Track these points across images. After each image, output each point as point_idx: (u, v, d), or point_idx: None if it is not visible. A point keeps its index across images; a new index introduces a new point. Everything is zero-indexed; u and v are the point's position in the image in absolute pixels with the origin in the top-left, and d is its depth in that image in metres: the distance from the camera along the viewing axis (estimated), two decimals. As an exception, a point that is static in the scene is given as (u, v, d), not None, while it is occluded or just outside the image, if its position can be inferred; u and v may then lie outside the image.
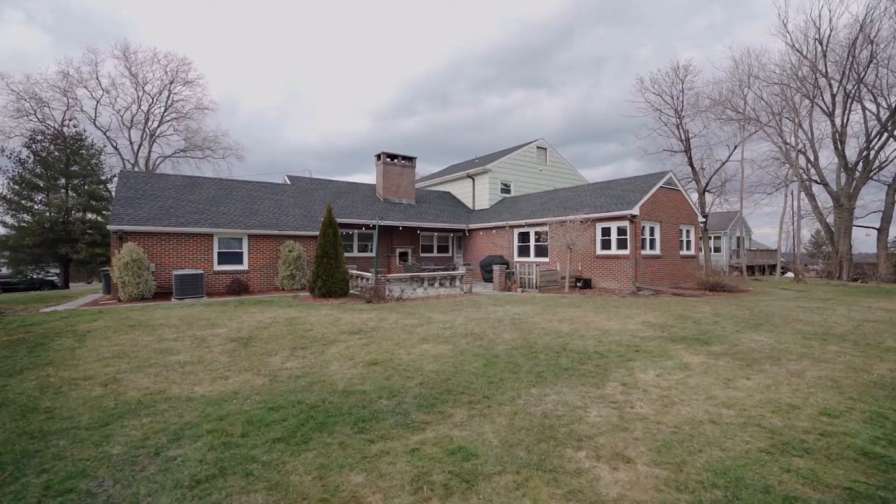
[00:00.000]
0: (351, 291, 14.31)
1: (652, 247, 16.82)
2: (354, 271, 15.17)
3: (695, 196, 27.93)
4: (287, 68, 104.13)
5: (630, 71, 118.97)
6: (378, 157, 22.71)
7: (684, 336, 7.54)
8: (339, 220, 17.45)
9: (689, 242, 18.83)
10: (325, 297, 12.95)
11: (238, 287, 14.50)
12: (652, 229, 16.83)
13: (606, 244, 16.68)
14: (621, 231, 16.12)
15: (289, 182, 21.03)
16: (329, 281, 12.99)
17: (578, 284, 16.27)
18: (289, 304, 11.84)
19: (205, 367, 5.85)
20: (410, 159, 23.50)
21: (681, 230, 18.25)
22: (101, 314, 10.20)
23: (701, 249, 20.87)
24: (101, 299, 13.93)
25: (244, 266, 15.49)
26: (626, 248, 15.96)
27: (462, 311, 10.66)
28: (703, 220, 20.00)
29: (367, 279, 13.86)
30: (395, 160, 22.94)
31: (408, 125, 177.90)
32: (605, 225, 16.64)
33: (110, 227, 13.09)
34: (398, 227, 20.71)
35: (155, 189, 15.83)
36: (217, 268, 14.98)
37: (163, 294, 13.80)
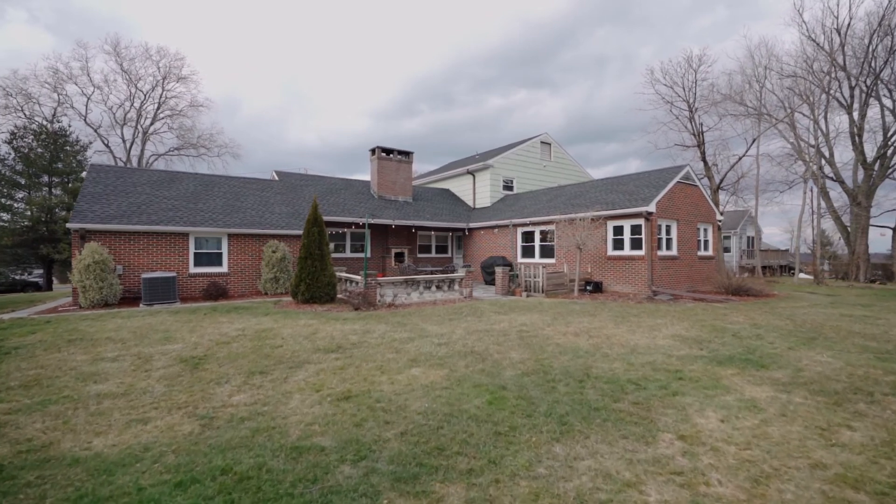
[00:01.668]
0: (339, 296, 12.98)
1: (668, 247, 15.46)
2: (343, 274, 13.84)
3: (708, 193, 26.51)
4: (287, 68, 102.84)
5: (633, 71, 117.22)
6: (373, 151, 21.35)
7: (730, 356, 6.20)
8: (329, 219, 16.12)
9: (706, 242, 17.47)
10: (309, 302, 11.63)
11: (216, 291, 13.18)
12: (668, 228, 15.47)
13: (619, 244, 15.33)
14: (635, 230, 14.76)
15: (276, 178, 19.69)
16: (313, 285, 11.66)
17: (588, 288, 14.92)
18: (266, 311, 10.52)
19: (128, 401, 4.54)
20: (407, 154, 22.14)
21: (698, 229, 16.89)
22: (47, 324, 8.89)
23: (718, 250, 19.49)
24: (63, 305, 12.62)
25: (223, 268, 14.17)
26: (640, 248, 14.60)
27: (461, 320, 9.33)
28: (720, 218, 18.65)
29: (357, 283, 12.54)
30: (391, 155, 21.57)
31: (410, 125, 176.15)
32: (618, 223, 15.28)
33: (70, 226, 11.77)
34: (392, 225, 19.36)
35: (127, 184, 14.51)
36: (193, 270, 13.66)
37: (131, 299, 12.51)
